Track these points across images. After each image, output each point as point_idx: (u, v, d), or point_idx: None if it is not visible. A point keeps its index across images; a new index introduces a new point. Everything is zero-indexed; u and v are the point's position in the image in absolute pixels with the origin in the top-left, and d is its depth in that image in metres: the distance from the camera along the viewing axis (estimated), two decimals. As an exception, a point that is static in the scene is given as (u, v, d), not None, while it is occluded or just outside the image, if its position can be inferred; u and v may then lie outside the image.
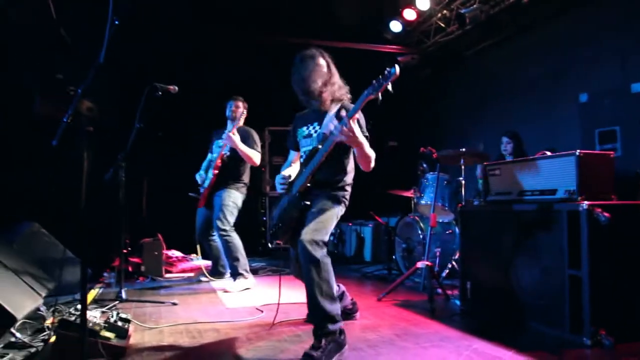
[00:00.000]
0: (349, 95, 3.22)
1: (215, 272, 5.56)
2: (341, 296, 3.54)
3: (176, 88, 4.18)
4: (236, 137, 4.89)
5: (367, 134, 3.02)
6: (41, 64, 5.80)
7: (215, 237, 5.26)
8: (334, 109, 3.12)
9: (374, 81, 2.70)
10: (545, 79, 6.10)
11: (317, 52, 3.17)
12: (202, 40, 7.11)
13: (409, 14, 7.00)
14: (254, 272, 6.02)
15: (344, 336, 2.89)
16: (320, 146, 2.99)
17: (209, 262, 6.68)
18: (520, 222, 3.41)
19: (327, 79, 3.10)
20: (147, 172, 7.26)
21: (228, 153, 5.09)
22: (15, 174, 5.63)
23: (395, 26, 7.17)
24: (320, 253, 2.79)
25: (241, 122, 5.26)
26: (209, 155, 5.43)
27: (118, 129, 4.55)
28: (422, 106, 8.79)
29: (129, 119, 4.11)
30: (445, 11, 6.90)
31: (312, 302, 2.82)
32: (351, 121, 2.74)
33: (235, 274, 4.99)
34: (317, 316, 2.81)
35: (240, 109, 5.18)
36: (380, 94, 2.69)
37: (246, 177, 5.27)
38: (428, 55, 7.69)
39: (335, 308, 2.82)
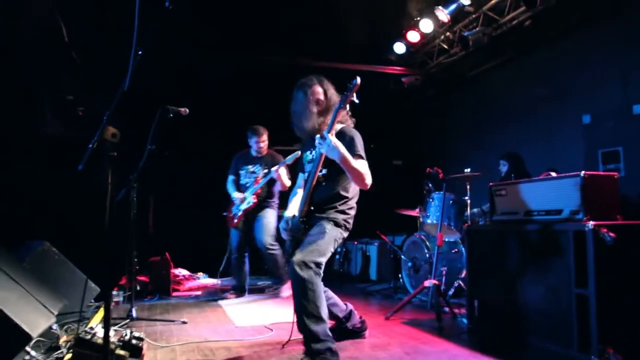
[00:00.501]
0: (348, 120, 3.33)
1: (240, 289, 5.67)
2: (349, 315, 3.58)
3: (187, 110, 4.28)
4: (284, 174, 5.24)
5: (361, 153, 3.08)
6: (52, 85, 5.92)
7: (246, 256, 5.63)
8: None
9: (342, 95, 2.86)
10: (548, 100, 6.19)
11: (314, 80, 3.28)
12: (206, 61, 7.23)
13: (413, 36, 7.13)
14: (260, 290, 6.07)
15: (337, 358, 2.92)
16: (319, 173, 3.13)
17: (215, 281, 6.75)
18: (526, 242, 3.47)
19: (323, 107, 3.20)
20: (153, 190, 7.35)
21: (266, 179, 5.41)
22: (27, 192, 5.71)
23: (399, 48, 7.30)
24: (307, 274, 2.85)
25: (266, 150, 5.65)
26: (231, 177, 5.68)
27: (127, 150, 4.64)
28: (426, 126, 8.89)
29: (138, 140, 4.20)
30: (448, 33, 7.02)
31: (298, 321, 2.91)
32: (330, 135, 2.85)
33: (283, 283, 5.58)
34: (304, 335, 2.90)
35: (265, 142, 5.61)
36: (347, 105, 2.86)
37: (277, 197, 5.68)
38: (431, 76, 7.80)
39: (320, 328, 2.87)
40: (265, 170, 5.43)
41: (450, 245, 5.48)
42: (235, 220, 5.49)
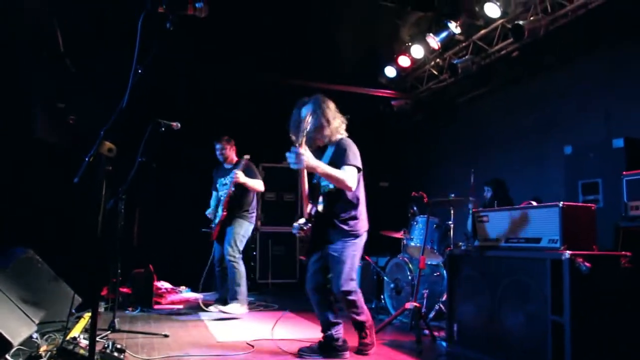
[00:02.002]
0: (342, 134, 3.68)
1: (224, 302, 5.63)
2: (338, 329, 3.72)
3: (179, 125, 4.36)
4: (242, 176, 5.29)
5: (352, 163, 3.47)
6: (44, 92, 5.96)
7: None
8: (328, 148, 3.66)
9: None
10: (534, 130, 6.35)
11: (313, 99, 3.63)
12: (198, 78, 7.33)
13: (404, 61, 7.31)
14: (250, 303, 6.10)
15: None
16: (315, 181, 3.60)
17: (198, 295, 6.75)
18: (506, 268, 3.57)
19: (319, 125, 3.52)
20: (139, 202, 7.37)
21: (233, 189, 5.39)
22: (11, 198, 5.71)
23: (390, 72, 7.47)
24: (354, 297, 3.64)
25: (233, 157, 5.68)
26: (214, 193, 5.77)
27: (117, 160, 4.69)
28: (413, 149, 9.03)
29: (127, 150, 4.25)
30: (438, 60, 7.21)
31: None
32: (300, 148, 3.17)
33: (233, 299, 5.27)
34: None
35: (227, 150, 5.63)
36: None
37: (254, 207, 5.65)
38: (421, 100, 7.97)
39: None
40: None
41: (432, 269, 5.56)
42: (212, 234, 5.57)
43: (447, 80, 7.23)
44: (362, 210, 3.69)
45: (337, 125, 3.64)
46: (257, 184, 5.48)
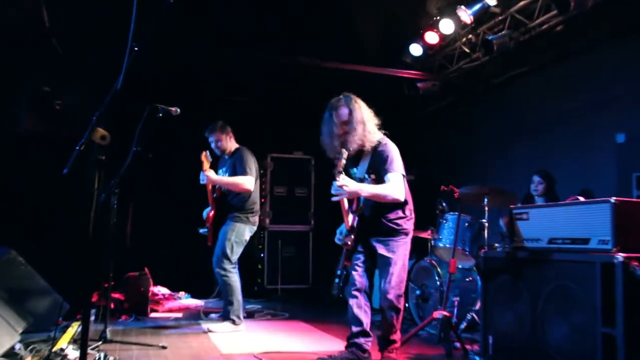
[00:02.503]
0: (376, 137, 3.77)
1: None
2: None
3: (178, 110, 4.36)
4: (211, 174, 5.14)
5: (396, 170, 3.64)
6: (29, 75, 6.01)
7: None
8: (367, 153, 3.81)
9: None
10: (580, 115, 6.25)
11: (341, 101, 3.74)
12: (204, 59, 7.33)
13: (431, 37, 7.23)
14: (250, 315, 6.11)
15: None
16: None
17: (199, 302, 6.80)
18: (549, 273, 3.53)
19: (354, 129, 3.66)
20: (133, 196, 7.42)
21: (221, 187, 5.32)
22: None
23: (416, 50, 7.40)
24: (401, 304, 3.87)
25: (231, 147, 5.46)
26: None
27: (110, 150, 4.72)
28: (443, 137, 8.97)
29: (121, 139, 4.27)
30: (470, 36, 7.13)
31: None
32: (338, 178, 3.45)
33: (227, 318, 5.18)
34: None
35: (222, 141, 5.40)
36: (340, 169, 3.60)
37: (252, 204, 5.35)
38: (450, 82, 7.89)
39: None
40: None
41: (464, 273, 5.54)
42: (208, 237, 5.44)
43: (481, 58, 7.15)
44: (411, 208, 3.92)
45: (372, 128, 3.76)
46: (238, 181, 5.17)
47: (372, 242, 3.78)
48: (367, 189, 3.57)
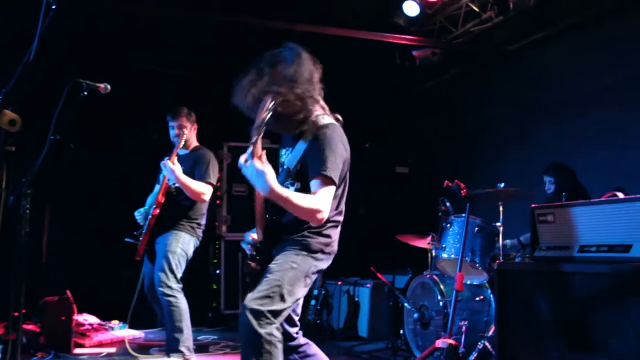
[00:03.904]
0: (326, 119, 3.32)
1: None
2: None
3: (108, 87, 4.29)
4: (177, 167, 5.11)
5: (327, 173, 3.08)
6: None
7: None
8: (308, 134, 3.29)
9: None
10: (617, 91, 6.30)
11: (283, 53, 3.32)
12: (145, 24, 7.23)
13: (431, -8, 7.25)
14: (203, 348, 6.09)
15: None
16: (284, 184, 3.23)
17: (137, 333, 6.74)
18: (580, 288, 3.58)
19: (290, 103, 3.15)
20: (50, 198, 7.32)
21: (176, 183, 5.26)
22: None
23: (411, 8, 7.39)
24: (268, 329, 2.94)
25: (192, 142, 5.53)
26: (157, 187, 5.58)
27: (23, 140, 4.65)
28: (444, 120, 9.01)
29: (37, 127, 4.21)
30: (480, -9, 7.17)
31: None
32: (256, 161, 2.89)
33: (174, 350, 5.11)
34: None
35: (187, 130, 5.40)
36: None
37: (201, 215, 5.44)
38: (455, 49, 7.92)
39: None
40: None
41: (473, 291, 5.58)
42: (138, 248, 5.33)
43: (493, 19, 7.19)
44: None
45: (314, 99, 3.27)
46: (198, 188, 5.22)
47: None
48: (282, 192, 2.98)
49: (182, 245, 5.22)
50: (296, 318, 3.39)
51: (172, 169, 5.08)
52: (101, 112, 6.82)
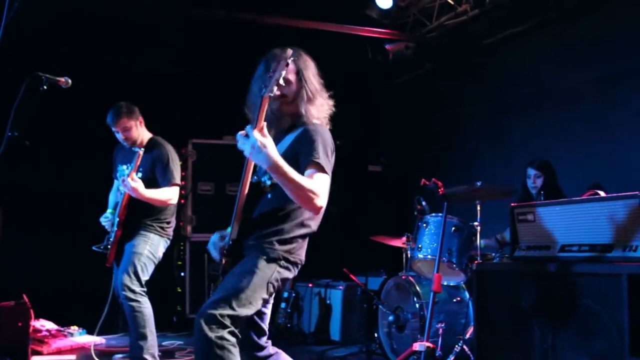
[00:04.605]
0: (319, 119, 3.38)
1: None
2: None
3: (69, 81, 4.25)
4: (138, 184, 4.89)
5: (319, 161, 3.10)
6: None
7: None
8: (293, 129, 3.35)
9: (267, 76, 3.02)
10: (596, 87, 6.36)
11: (290, 52, 3.34)
12: (108, 15, 7.16)
13: (403, -16, 7.29)
14: (169, 354, 6.06)
15: None
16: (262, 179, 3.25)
17: (97, 339, 6.67)
18: (561, 288, 3.62)
19: (293, 92, 3.29)
20: (3, 198, 7.21)
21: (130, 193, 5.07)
22: None
23: (384, 1, 7.42)
24: (218, 333, 2.93)
25: (143, 137, 5.40)
26: (115, 182, 5.58)
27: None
28: (419, 116, 9.04)
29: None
30: (455, -18, 7.22)
31: None
32: (255, 132, 2.87)
33: (138, 358, 5.07)
34: None
35: (132, 131, 5.27)
36: (274, 89, 2.99)
37: (170, 214, 5.39)
38: (428, 43, 7.96)
39: None
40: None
41: (450, 292, 5.62)
42: (108, 254, 5.27)
43: (468, 13, 7.23)
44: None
45: (321, 103, 3.38)
46: (164, 195, 5.13)
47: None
48: (289, 170, 2.93)
49: (150, 247, 5.17)
50: (265, 327, 3.35)
51: (134, 187, 4.87)
52: (59, 106, 6.74)
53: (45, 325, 6.60)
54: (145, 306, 5.09)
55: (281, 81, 2.94)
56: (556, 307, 3.64)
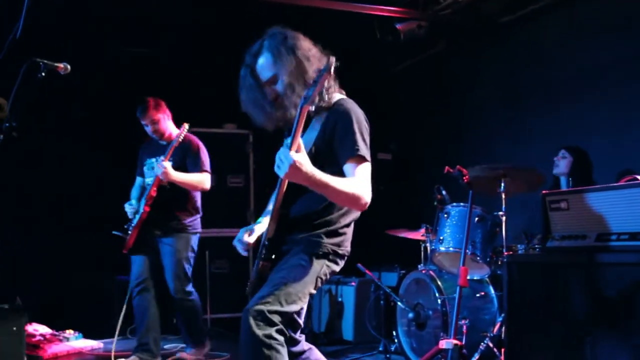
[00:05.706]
0: (338, 93, 3.38)
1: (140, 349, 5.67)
2: None
3: (67, 66, 4.26)
4: (170, 170, 5.31)
5: (362, 153, 3.09)
6: None
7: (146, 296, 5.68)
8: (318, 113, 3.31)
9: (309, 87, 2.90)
10: (628, 64, 6.36)
11: (263, 45, 3.31)
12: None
13: (415, -42, 7.27)
14: (170, 355, 6.09)
15: None
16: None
17: (95, 343, 6.70)
18: (597, 280, 3.63)
19: (292, 80, 3.19)
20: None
21: (161, 182, 5.42)
22: None
23: (394, -24, 7.41)
24: (266, 331, 2.94)
25: (172, 130, 5.71)
26: (139, 180, 5.92)
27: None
28: (431, 99, 9.03)
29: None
30: (470, -45, 7.21)
31: None
32: (292, 153, 2.80)
33: (200, 342, 5.85)
34: None
35: (160, 123, 5.62)
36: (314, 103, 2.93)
37: (199, 207, 5.85)
38: (442, 21, 7.95)
39: None
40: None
41: (473, 287, 5.61)
42: (127, 241, 5.54)
43: (484, -12, 7.24)
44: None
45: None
46: (199, 180, 5.61)
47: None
48: (325, 179, 2.92)
49: (192, 246, 5.76)
50: (301, 321, 3.35)
51: (167, 171, 5.27)
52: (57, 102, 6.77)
53: (39, 329, 6.59)
54: (198, 298, 5.80)
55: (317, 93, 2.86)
56: (591, 300, 3.64)
